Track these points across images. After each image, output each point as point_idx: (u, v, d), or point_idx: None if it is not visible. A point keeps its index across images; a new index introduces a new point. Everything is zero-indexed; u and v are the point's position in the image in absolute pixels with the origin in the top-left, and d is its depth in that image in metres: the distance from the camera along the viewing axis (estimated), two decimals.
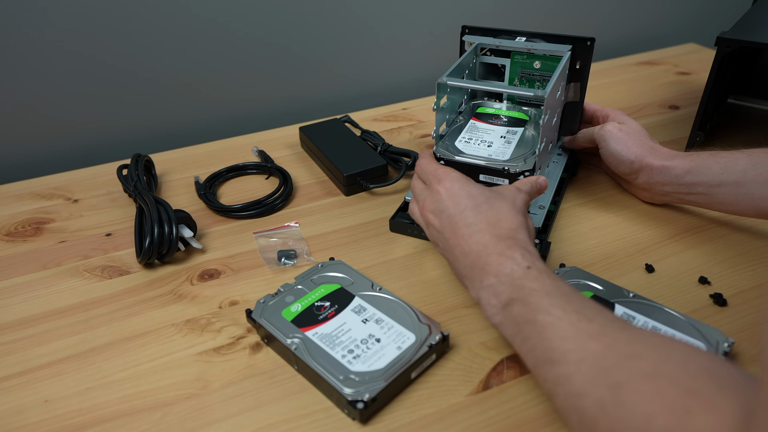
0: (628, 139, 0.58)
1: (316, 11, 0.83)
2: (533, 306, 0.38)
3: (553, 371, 0.35)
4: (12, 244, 0.60)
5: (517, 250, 0.42)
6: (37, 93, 0.74)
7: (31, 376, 0.45)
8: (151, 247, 0.53)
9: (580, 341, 0.35)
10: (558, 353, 0.35)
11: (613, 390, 0.32)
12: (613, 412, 0.31)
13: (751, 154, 0.52)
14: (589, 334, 0.35)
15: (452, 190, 0.46)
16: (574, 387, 0.34)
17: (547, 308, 0.37)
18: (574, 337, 0.35)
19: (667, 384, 0.30)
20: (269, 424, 0.41)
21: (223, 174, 0.70)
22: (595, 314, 0.36)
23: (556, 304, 0.37)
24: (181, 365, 0.46)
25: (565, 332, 0.36)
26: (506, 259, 0.41)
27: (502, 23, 0.67)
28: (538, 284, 0.39)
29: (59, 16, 0.70)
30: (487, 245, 0.42)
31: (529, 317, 0.38)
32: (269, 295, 0.48)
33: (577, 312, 0.37)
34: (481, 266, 0.42)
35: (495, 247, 0.42)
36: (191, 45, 0.78)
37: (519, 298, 0.39)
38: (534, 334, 0.37)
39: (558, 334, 0.36)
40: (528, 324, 0.38)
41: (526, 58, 0.62)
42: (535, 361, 0.37)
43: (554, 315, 0.37)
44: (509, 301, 0.39)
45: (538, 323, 0.37)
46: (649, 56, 1.03)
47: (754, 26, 0.68)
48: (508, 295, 0.40)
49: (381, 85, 0.94)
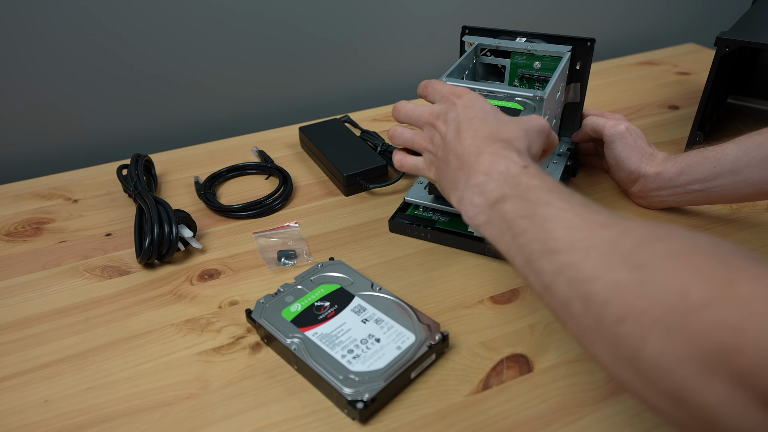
0: (633, 147, 0.58)
1: (316, 11, 0.83)
2: (533, 200, 0.35)
3: (554, 261, 0.32)
4: (12, 244, 0.60)
5: (513, 151, 0.39)
6: (37, 93, 0.74)
7: (31, 376, 0.45)
8: (151, 247, 0.53)
9: (589, 230, 0.32)
10: (562, 243, 0.32)
11: (634, 270, 0.29)
12: (634, 290, 0.28)
13: (737, 142, 0.53)
14: (599, 224, 0.32)
15: (469, 102, 0.44)
16: (581, 272, 0.31)
17: (549, 201, 0.35)
18: (582, 226, 0.33)
19: (702, 259, 0.28)
20: (269, 424, 0.41)
21: (223, 174, 0.70)
22: (602, 210, 0.34)
23: (559, 198, 0.35)
24: (181, 365, 0.46)
25: (571, 222, 0.33)
26: (500, 157, 0.39)
27: (502, 24, 0.67)
28: (537, 181, 0.37)
29: (59, 16, 0.70)
30: (480, 146, 0.40)
31: (526, 212, 0.35)
32: (269, 295, 0.48)
33: (584, 206, 0.34)
34: (469, 165, 0.40)
35: (488, 147, 0.40)
36: (191, 45, 0.78)
37: (514, 195, 0.36)
38: (531, 227, 0.35)
39: (563, 224, 0.33)
40: (524, 218, 0.35)
41: (526, 58, 0.62)
42: (529, 255, 0.34)
43: (557, 207, 0.34)
44: (500, 198, 0.37)
45: (538, 216, 0.34)
46: (649, 56, 1.03)
47: (754, 26, 0.68)
48: (499, 192, 0.37)
49: (381, 85, 0.94)
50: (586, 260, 0.31)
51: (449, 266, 0.55)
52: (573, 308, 0.31)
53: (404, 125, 0.50)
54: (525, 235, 0.35)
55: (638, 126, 0.78)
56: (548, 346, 0.46)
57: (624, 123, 0.60)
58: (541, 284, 0.34)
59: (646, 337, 0.27)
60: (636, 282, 0.28)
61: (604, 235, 0.31)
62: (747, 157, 0.51)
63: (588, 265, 0.31)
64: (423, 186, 0.61)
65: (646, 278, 0.28)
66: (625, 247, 0.30)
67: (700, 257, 0.28)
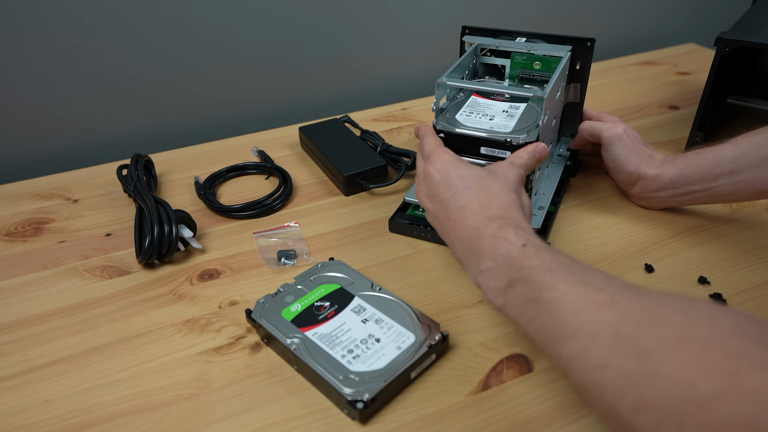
0: (632, 149, 0.58)
1: (316, 12, 0.83)
2: (536, 284, 0.36)
3: (566, 347, 0.33)
4: (12, 244, 0.60)
5: (510, 230, 0.40)
6: (37, 93, 0.74)
7: (31, 376, 0.45)
8: (151, 247, 0.53)
9: (592, 313, 0.33)
10: (570, 328, 0.33)
11: (639, 358, 0.29)
12: (644, 381, 0.28)
13: (735, 142, 0.53)
14: (601, 305, 0.33)
15: (444, 173, 0.45)
16: (592, 360, 0.31)
17: (551, 284, 0.36)
18: (584, 309, 0.33)
19: (703, 346, 0.28)
20: (269, 424, 0.41)
21: (223, 174, 0.70)
22: (602, 283, 0.34)
23: (559, 278, 0.36)
24: (181, 365, 0.46)
25: (574, 306, 0.34)
26: (500, 240, 0.40)
27: (502, 23, 0.67)
28: (537, 261, 0.37)
29: (59, 16, 0.70)
30: (479, 228, 0.41)
31: (533, 296, 0.36)
32: (269, 295, 0.48)
33: (584, 283, 0.35)
34: (476, 250, 0.41)
35: (486, 229, 0.41)
36: (191, 45, 0.78)
37: (520, 278, 0.37)
38: (541, 312, 0.35)
39: (567, 308, 0.34)
40: (533, 303, 0.36)
41: (526, 58, 0.62)
42: (545, 339, 0.35)
43: (560, 290, 0.35)
44: (510, 282, 0.38)
45: (544, 300, 0.35)
46: (649, 56, 1.03)
47: (754, 26, 0.68)
48: (508, 277, 0.38)
49: (381, 85, 0.94)
50: (594, 347, 0.31)
51: (449, 266, 0.55)
52: (591, 394, 0.31)
53: None
54: (537, 319, 0.36)
55: (638, 126, 0.79)
56: None
57: (621, 125, 0.59)
58: (560, 368, 0.35)
59: (662, 429, 0.27)
60: (644, 372, 0.28)
61: (607, 318, 0.32)
62: (746, 157, 0.51)
63: (597, 352, 0.31)
64: None
65: (652, 368, 0.28)
66: (627, 331, 0.30)
67: (702, 345, 0.28)
